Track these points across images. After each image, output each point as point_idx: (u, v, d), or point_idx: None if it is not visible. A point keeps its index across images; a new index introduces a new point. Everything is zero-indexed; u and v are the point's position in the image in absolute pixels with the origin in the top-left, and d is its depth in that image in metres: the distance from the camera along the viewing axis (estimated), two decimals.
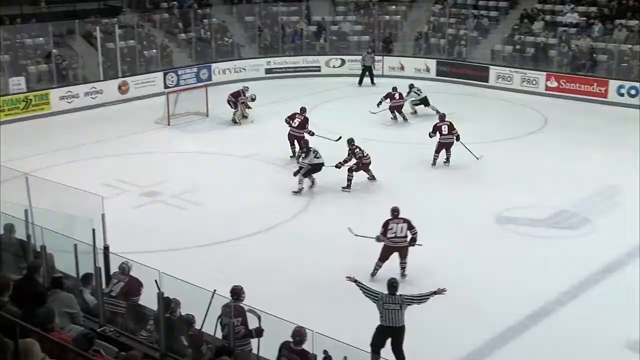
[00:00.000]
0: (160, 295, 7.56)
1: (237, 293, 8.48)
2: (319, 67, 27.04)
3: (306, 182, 15.35)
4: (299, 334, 7.49)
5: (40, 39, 23.19)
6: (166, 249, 12.36)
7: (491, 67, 25.44)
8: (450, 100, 23.49)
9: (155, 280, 7.81)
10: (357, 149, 15.48)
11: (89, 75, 23.39)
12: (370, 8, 28.74)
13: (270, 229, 13.56)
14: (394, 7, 29.13)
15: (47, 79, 22.56)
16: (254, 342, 8.24)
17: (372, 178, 15.74)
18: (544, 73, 24.29)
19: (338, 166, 15.51)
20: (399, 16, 28.78)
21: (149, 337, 8.13)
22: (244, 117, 20.68)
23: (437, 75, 26.29)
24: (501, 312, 10.54)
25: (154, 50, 25.25)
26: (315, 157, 15.25)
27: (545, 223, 13.80)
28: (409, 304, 8.97)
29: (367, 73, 25.61)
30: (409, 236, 11.47)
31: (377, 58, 26.20)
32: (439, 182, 15.81)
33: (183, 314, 8.25)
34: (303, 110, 17.52)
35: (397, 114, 20.67)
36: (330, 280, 11.18)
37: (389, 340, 9.00)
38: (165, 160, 17.67)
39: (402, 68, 26.69)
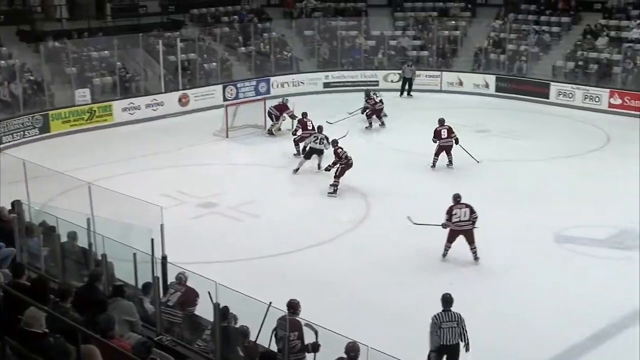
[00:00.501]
0: (216, 305, 7.63)
1: (293, 306, 8.43)
2: (377, 81, 27.03)
3: (308, 163, 17.06)
4: (353, 349, 7.46)
5: (106, 52, 23.82)
6: (222, 260, 12.48)
7: (552, 83, 25.02)
8: (509, 116, 23.26)
9: (209, 292, 7.88)
10: (340, 150, 16.29)
11: (150, 87, 23.91)
12: (430, 23, 28.64)
13: (328, 241, 13.58)
14: (453, 22, 28.97)
15: (111, 90, 23.14)
16: (309, 356, 8.23)
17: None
18: (607, 90, 23.77)
19: (328, 169, 16.60)
20: (458, 31, 28.60)
21: (205, 347, 8.21)
22: (279, 129, 20.84)
23: (496, 91, 26.00)
24: (560, 333, 10.32)
25: (214, 64, 25.66)
26: (314, 142, 17.16)
27: (605, 243, 13.46)
28: (465, 329, 8.79)
29: (407, 85, 25.87)
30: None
31: (417, 72, 26.33)
32: (497, 200, 15.57)
33: (238, 325, 8.30)
34: (304, 114, 18.79)
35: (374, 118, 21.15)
36: (386, 296, 11.15)
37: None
38: (223, 172, 17.90)
39: (461, 83, 26.50)
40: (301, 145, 18.26)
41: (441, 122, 17.96)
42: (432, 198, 15.60)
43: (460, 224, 12.42)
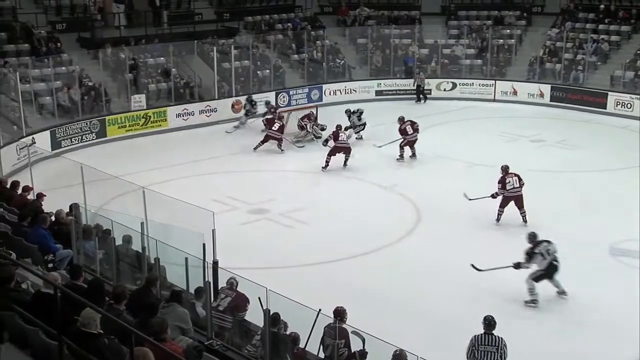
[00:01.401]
0: (266, 311, 7.71)
1: (340, 314, 8.46)
2: (430, 90, 26.91)
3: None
4: (400, 357, 7.45)
5: (161, 58, 24.27)
6: (272, 266, 12.56)
7: (610, 93, 24.54)
8: (564, 126, 22.90)
9: (259, 298, 7.96)
10: (341, 133, 18.39)
11: (204, 93, 24.25)
12: (484, 31, 28.40)
13: (377, 250, 13.58)
14: (508, 30, 28.66)
15: (166, 96, 23.54)
16: None
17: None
18: None
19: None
20: (513, 40, 28.28)
21: (254, 352, 8.29)
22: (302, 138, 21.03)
23: (551, 100, 25.61)
24: (615, 351, 10.10)
25: (267, 71, 25.89)
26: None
27: None
28: (505, 356, 8.28)
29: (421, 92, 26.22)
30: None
31: (426, 80, 26.65)
32: (551, 211, 15.33)
33: (288, 332, 8.36)
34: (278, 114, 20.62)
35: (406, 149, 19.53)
36: (436, 306, 11.10)
37: None
38: (274, 179, 18.04)
39: (515, 93, 26.19)
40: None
41: (402, 119, 19.15)
42: (486, 206, 15.50)
43: (513, 191, 14.29)
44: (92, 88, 21.95)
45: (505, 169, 14.52)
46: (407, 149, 18.99)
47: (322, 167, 18.13)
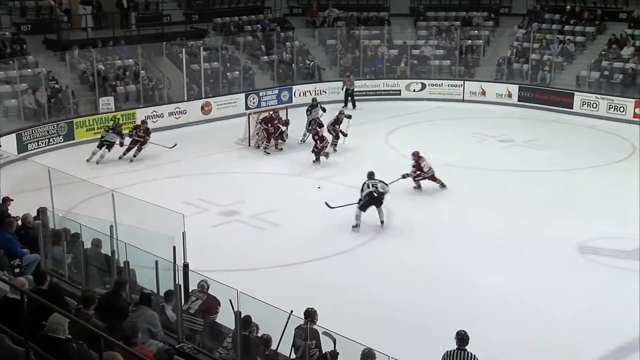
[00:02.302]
0: (237, 313, 7.67)
1: (311, 315, 8.48)
2: (399, 90, 27.04)
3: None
4: (369, 356, 7.46)
5: (130, 60, 24.05)
6: (244, 268, 12.53)
7: (576, 93, 24.85)
8: (532, 126, 23.13)
9: (230, 301, 7.92)
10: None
11: (173, 95, 24.09)
12: (452, 32, 28.60)
13: (348, 250, 13.59)
14: (476, 31, 28.89)
15: (134, 99, 23.34)
16: None
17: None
18: (633, 100, 23.56)
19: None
20: (481, 41, 28.52)
21: (226, 355, 8.25)
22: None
23: (519, 100, 25.85)
24: (584, 347, 10.22)
25: (237, 72, 25.80)
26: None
27: (631, 255, 13.28)
28: None
29: (349, 97, 25.46)
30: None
31: (356, 83, 25.98)
32: (520, 210, 15.48)
33: (259, 335, 8.33)
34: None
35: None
36: (405, 306, 11.14)
37: None
38: (245, 181, 17.97)
39: (484, 93, 26.40)
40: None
41: (416, 154, 16.89)
42: (455, 207, 15.61)
43: (430, 172, 16.22)
44: (59, 90, 21.68)
45: (416, 154, 16.31)
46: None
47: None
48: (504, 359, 9.52)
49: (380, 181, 14.61)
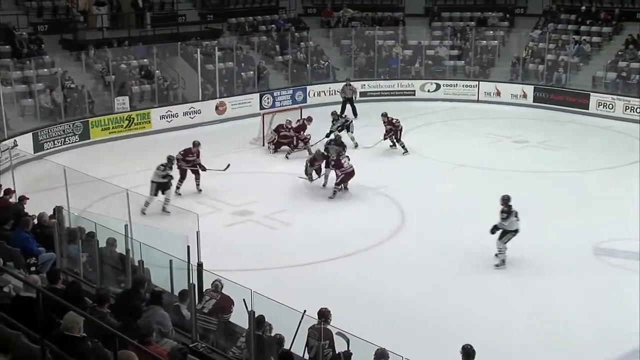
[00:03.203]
0: (251, 313, 7.70)
1: (324, 315, 8.49)
2: (414, 91, 27.00)
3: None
4: (382, 355, 7.47)
5: (145, 60, 24.17)
6: (257, 268, 12.57)
7: (592, 94, 24.72)
8: (547, 127, 23.03)
9: (244, 300, 7.96)
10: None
11: (188, 95, 24.18)
12: (467, 33, 28.52)
13: (361, 251, 13.59)
14: (491, 32, 28.80)
15: (149, 98, 23.45)
16: None
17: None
18: None
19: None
20: (496, 41, 28.43)
21: (240, 354, 8.28)
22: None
23: (534, 101, 25.75)
24: (598, 348, 10.18)
25: (251, 72, 25.85)
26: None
27: None
28: None
29: (347, 105, 24.02)
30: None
31: (357, 88, 25.23)
32: (535, 211, 15.39)
33: (273, 334, 8.36)
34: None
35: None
36: (420, 307, 11.15)
37: None
38: (258, 180, 18.01)
39: (498, 94, 26.31)
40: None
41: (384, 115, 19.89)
42: (469, 207, 15.57)
43: (350, 170, 16.33)
44: (75, 90, 21.83)
45: (338, 152, 16.77)
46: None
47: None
48: (517, 357, 9.50)
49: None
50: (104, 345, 6.05)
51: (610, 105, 24.07)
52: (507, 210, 12.75)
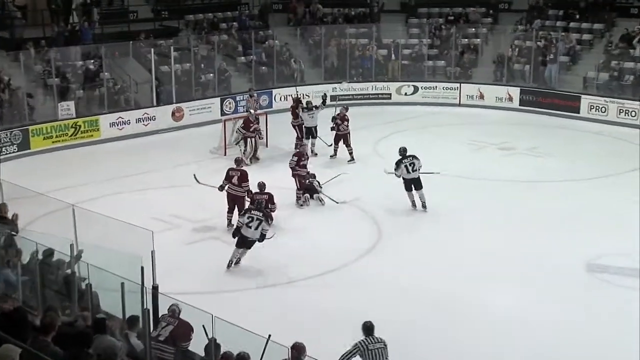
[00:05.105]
0: (212, 340, 7.63)
1: (299, 351, 8.23)
2: (390, 94, 27.15)
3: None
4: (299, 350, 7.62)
5: (92, 61, 23.95)
6: (219, 290, 12.52)
7: (583, 96, 25.03)
8: (535, 132, 23.27)
9: (203, 326, 7.90)
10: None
11: (141, 100, 24.05)
12: (447, 30, 28.65)
13: (335, 270, 13.55)
14: (473, 29, 29.06)
15: (98, 104, 23.26)
16: None
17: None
18: None
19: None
20: (479, 39, 28.69)
21: None
22: (256, 157, 20.05)
23: (520, 104, 26.03)
24: None
25: (211, 75, 25.80)
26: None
27: None
28: None
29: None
30: None
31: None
32: (523, 224, 15.53)
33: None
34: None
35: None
36: (394, 329, 11.13)
37: None
38: (221, 194, 17.88)
39: (482, 97, 26.55)
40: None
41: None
42: (451, 222, 15.65)
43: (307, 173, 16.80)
44: (12, 94, 21.53)
45: (304, 144, 18.06)
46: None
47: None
48: None
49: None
50: None
51: (603, 109, 24.40)
52: (398, 161, 16.04)
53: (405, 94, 27.17)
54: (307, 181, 16.83)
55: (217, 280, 13.01)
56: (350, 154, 19.87)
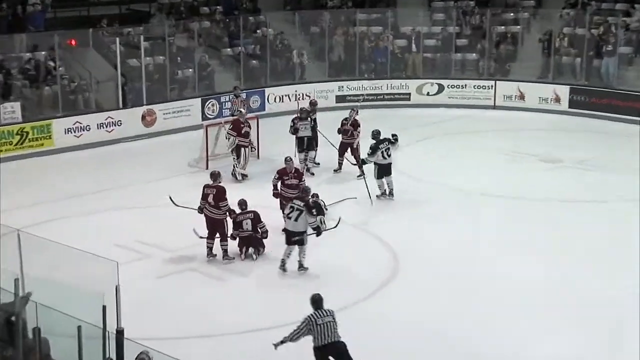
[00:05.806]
0: None
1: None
2: (409, 94, 27.23)
3: None
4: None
5: (42, 53, 24.05)
6: (198, 334, 12.51)
7: None
8: (589, 141, 23.31)
9: None
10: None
11: (103, 101, 24.15)
12: (479, 14, 28.72)
13: (340, 310, 13.51)
14: (512, 14, 29.10)
15: (50, 105, 23.34)
16: None
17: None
18: None
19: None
20: (519, 26, 28.76)
21: None
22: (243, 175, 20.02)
23: (570, 107, 26.11)
24: None
25: (190, 70, 25.91)
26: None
27: None
28: None
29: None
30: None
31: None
32: (569, 253, 15.54)
33: None
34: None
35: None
36: None
37: None
38: (201, 216, 17.94)
39: (522, 97, 26.61)
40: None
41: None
42: (483, 249, 15.67)
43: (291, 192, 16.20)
44: None
45: (289, 159, 17.00)
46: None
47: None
48: None
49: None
50: None
51: None
52: (374, 146, 17.67)
53: (428, 93, 27.28)
54: (312, 200, 16.65)
55: (196, 321, 13.02)
56: (360, 167, 19.87)
